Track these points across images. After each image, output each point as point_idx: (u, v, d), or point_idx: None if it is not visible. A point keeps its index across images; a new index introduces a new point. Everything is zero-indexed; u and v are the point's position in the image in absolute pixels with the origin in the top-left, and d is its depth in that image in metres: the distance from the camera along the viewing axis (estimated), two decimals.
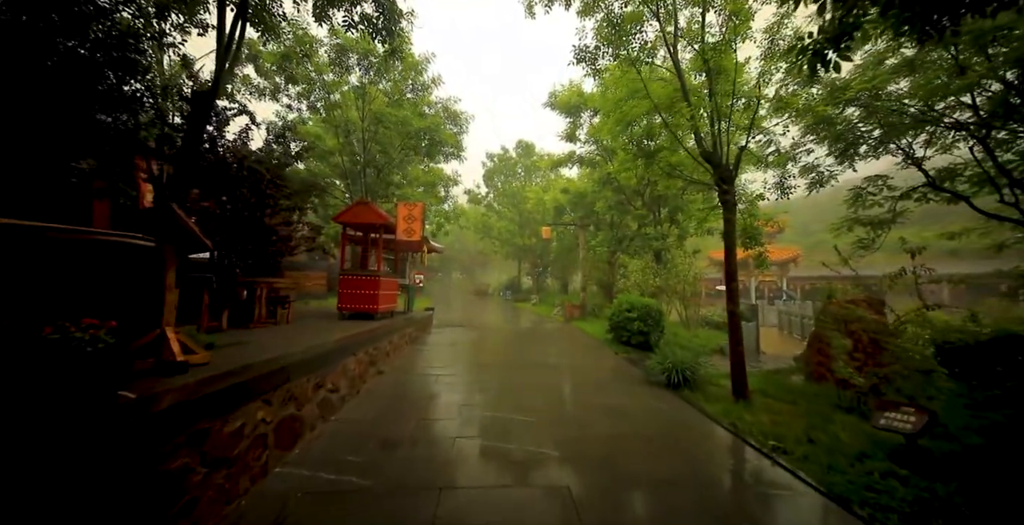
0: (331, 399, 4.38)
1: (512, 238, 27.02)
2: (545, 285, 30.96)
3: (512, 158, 27.34)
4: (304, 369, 3.86)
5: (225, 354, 4.01)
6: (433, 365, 7.05)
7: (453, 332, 11.34)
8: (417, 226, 9.00)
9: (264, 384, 3.20)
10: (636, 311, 9.02)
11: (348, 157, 11.24)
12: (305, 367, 3.89)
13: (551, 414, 4.66)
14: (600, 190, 13.72)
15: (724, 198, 5.45)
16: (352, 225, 9.06)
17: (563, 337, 11.07)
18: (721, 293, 19.52)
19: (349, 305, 8.68)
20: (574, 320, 14.68)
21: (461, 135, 12.64)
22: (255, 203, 7.69)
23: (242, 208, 7.60)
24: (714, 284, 26.07)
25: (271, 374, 3.32)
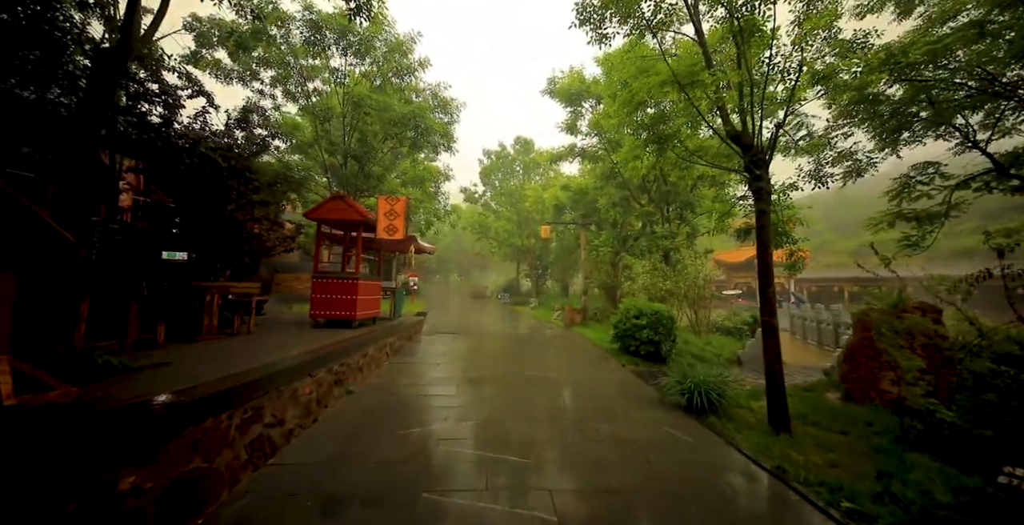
0: (270, 436, 3.48)
1: (510, 238, 26.14)
2: (544, 287, 30.06)
3: (510, 155, 26.48)
4: (225, 402, 2.96)
5: (126, 384, 3.12)
6: (414, 383, 6.15)
7: (444, 340, 10.43)
8: (400, 223, 8.11)
9: (147, 432, 2.30)
10: (645, 318, 8.13)
11: (327, 148, 10.34)
12: (227, 398, 2.98)
13: (551, 453, 3.76)
14: (603, 186, 12.85)
15: (756, 186, 4.56)
16: (327, 222, 8.18)
17: (564, 345, 10.17)
18: (728, 298, 18.42)
19: (323, 312, 7.80)
20: (575, 325, 13.78)
21: (452, 125, 11.75)
22: (214, 196, 6.80)
23: (199, 202, 6.72)
24: (718, 287, 25.21)
25: (167, 414, 2.42)
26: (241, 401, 3.16)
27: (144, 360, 3.94)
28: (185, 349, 4.75)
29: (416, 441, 3.90)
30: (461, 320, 16.07)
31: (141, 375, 3.46)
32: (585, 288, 14.79)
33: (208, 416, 2.76)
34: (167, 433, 2.43)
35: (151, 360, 3.99)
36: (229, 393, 3.00)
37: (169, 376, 3.46)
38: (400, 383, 6.09)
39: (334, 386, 5.05)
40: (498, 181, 26.57)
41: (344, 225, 8.23)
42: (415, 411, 4.83)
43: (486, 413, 4.80)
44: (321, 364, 4.71)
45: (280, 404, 3.74)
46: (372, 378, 6.31)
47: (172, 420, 2.48)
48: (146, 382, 3.22)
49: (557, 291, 29.22)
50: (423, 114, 10.09)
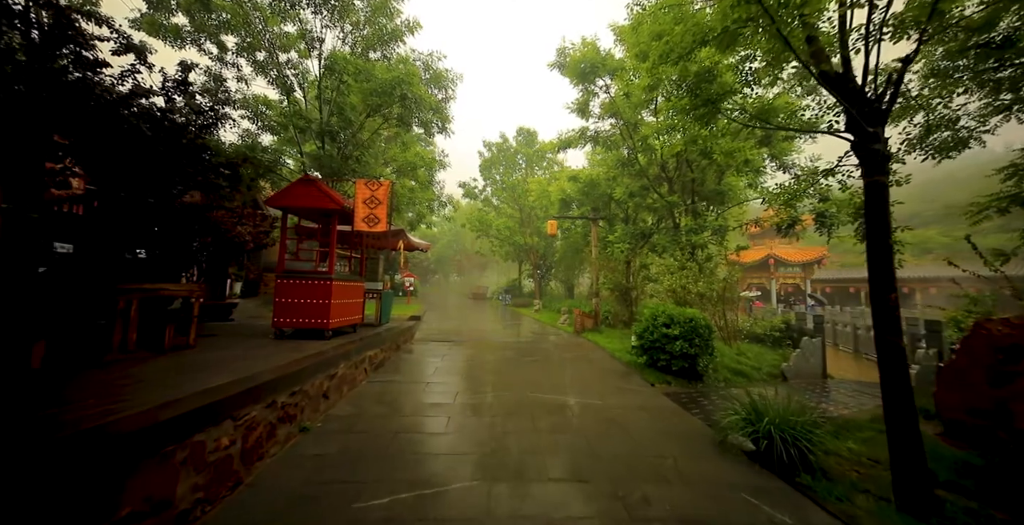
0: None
1: (512, 236, 24.82)
2: (548, 288, 28.77)
3: (512, 147, 25.17)
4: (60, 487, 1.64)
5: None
6: (393, 412, 4.84)
7: (437, 351, 9.12)
8: (382, 212, 6.80)
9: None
10: (677, 327, 6.81)
11: (300, 124, 9.02)
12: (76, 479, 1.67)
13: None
14: (618, 175, 11.55)
15: (871, 149, 3.24)
16: (294, 210, 6.87)
17: (577, 357, 8.84)
18: (744, 301, 16.76)
19: (289, 319, 6.50)
20: (586, 331, 12.45)
21: (448, 102, 10.41)
22: (150, 175, 5.50)
23: (126, 181, 5.41)
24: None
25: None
26: (103, 479, 1.85)
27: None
28: (61, 380, 3.44)
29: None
30: (459, 325, 14.76)
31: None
32: (596, 290, 13.47)
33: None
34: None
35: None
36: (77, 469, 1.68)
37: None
38: (374, 413, 4.78)
39: (278, 425, 3.74)
40: (499, 175, 25.25)
41: (315, 214, 6.92)
42: (386, 462, 3.51)
43: (485, 465, 3.48)
44: (256, 398, 3.40)
45: (166, 474, 2.42)
46: (340, 405, 4.99)
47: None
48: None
49: (561, 292, 27.90)
50: (410, 81, 8.68)
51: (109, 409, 2.52)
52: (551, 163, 25.38)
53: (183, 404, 2.70)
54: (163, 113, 5.48)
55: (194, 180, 6.09)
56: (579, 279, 27.05)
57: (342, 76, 8.28)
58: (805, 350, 8.42)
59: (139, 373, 3.68)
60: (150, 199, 6.04)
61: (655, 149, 10.78)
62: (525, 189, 22.96)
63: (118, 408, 2.55)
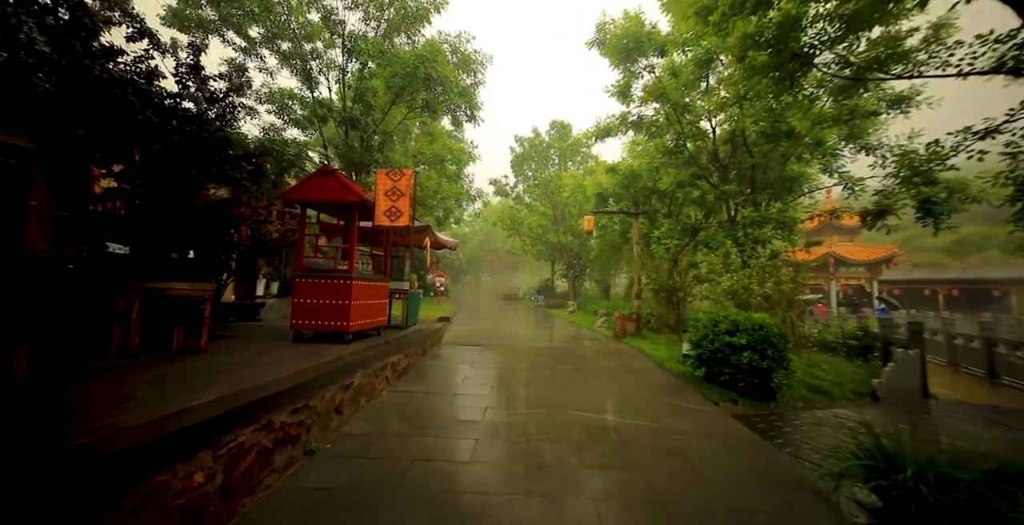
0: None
1: (544, 234, 23.98)
2: (582, 289, 27.70)
3: (544, 141, 24.33)
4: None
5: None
6: (412, 432, 4.22)
7: (466, 356, 8.52)
8: (404, 205, 6.25)
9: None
10: (744, 335, 5.80)
11: (321, 114, 8.68)
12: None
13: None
14: (663, 164, 10.49)
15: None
16: (311, 204, 6.45)
17: (620, 366, 7.95)
18: (803, 304, 14.91)
19: (307, 321, 6.07)
20: (627, 336, 11.47)
21: (477, 88, 9.79)
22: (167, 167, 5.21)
23: (153, 176, 5.15)
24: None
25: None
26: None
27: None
28: (28, 392, 3.05)
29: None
30: (489, 327, 14.16)
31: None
32: (637, 291, 12.43)
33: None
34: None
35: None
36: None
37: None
38: (392, 431, 4.17)
39: (276, 450, 3.19)
40: (531, 171, 24.49)
41: (335, 208, 6.47)
42: (399, 502, 2.86)
43: (518, 515, 2.75)
44: (246, 419, 2.86)
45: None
46: (355, 421, 4.43)
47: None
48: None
49: (597, 293, 26.77)
50: (434, 59, 8.09)
51: (46, 437, 2.00)
52: (586, 157, 24.33)
53: (137, 434, 2.16)
54: (175, 99, 5.17)
55: (220, 174, 5.79)
56: (616, 279, 25.82)
57: (363, 58, 7.84)
58: (900, 364, 7.07)
59: (121, 384, 3.24)
60: (179, 196, 5.80)
61: (706, 134, 9.66)
62: (558, 185, 22.08)
63: (63, 435, 2.03)
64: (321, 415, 3.91)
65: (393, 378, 6.16)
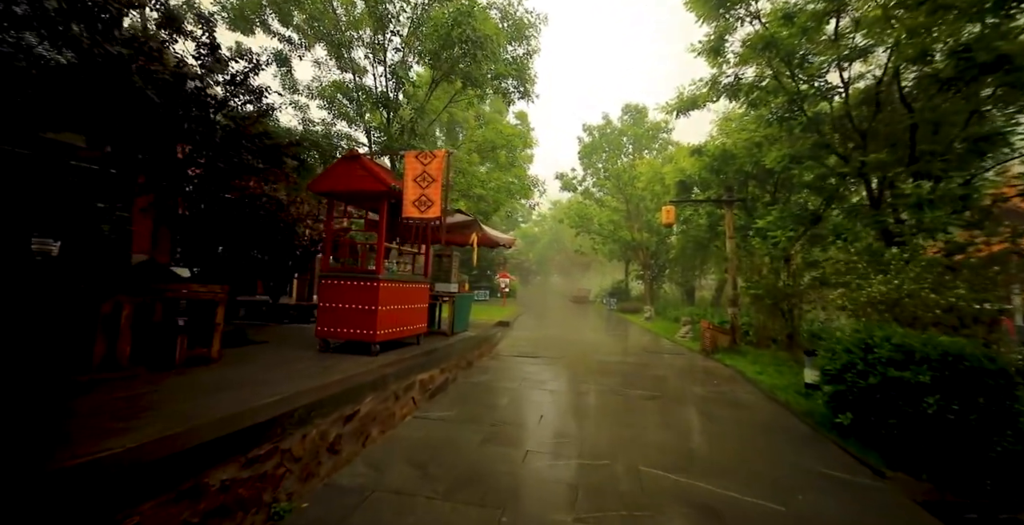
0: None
1: (616, 231, 21.93)
2: (661, 292, 25.01)
3: (616, 128, 22.27)
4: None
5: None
6: (419, 486, 3.18)
7: (519, 371, 7.40)
8: (435, 193, 5.30)
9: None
10: (927, 371, 3.81)
11: (349, 95, 8.12)
12: None
13: None
14: (769, 137, 8.31)
15: None
16: (338, 195, 5.80)
17: (713, 394, 6.18)
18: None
19: (332, 328, 5.41)
20: (720, 352, 9.40)
21: (530, 58, 8.54)
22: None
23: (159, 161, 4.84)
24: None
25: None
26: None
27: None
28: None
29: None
30: (554, 334, 12.87)
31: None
32: (732, 296, 10.23)
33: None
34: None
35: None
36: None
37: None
38: (396, 485, 3.15)
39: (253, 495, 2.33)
40: (601, 162, 22.59)
41: (363, 200, 5.75)
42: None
43: None
44: (165, 482, 2.00)
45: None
46: (355, 464, 3.51)
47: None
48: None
49: (678, 297, 23.94)
50: (471, 14, 6.92)
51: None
52: (664, 144, 21.81)
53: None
54: (198, 83, 4.77)
55: (244, 166, 5.39)
56: (701, 281, 22.79)
57: (390, 21, 7.08)
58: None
59: (69, 410, 2.63)
60: (204, 191, 5.54)
61: (832, 93, 7.35)
62: (632, 176, 19.96)
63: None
64: (302, 459, 3.02)
65: (423, 399, 5.23)
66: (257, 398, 3.12)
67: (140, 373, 3.72)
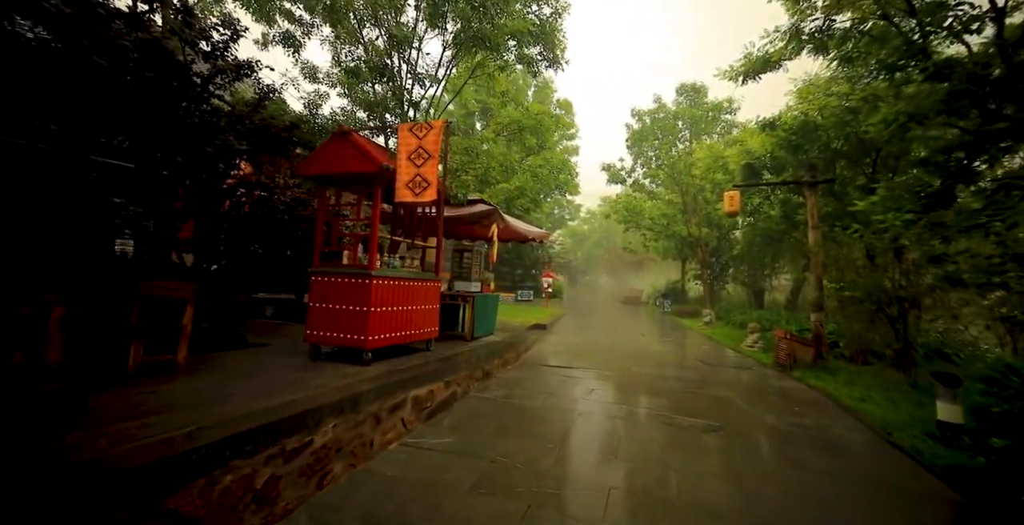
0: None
1: (671, 225, 19.93)
2: (723, 294, 22.52)
3: (670, 112, 20.24)
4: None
5: None
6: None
7: (544, 385, 6.40)
8: (431, 173, 4.45)
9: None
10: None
11: (347, 68, 7.34)
12: None
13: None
14: (865, 103, 6.49)
15: None
16: (328, 178, 5.12)
17: (797, 430, 4.73)
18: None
19: (322, 332, 4.73)
20: (801, 368, 7.67)
21: (559, 17, 7.32)
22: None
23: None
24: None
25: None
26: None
27: None
28: None
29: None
30: (597, 338, 11.60)
31: None
32: (817, 299, 8.39)
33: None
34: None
35: None
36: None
37: None
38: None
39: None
40: (653, 150, 20.65)
41: (355, 182, 5.02)
42: None
43: None
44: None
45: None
46: (290, 521, 2.69)
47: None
48: None
49: (744, 299, 21.36)
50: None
51: None
52: (728, 126, 19.46)
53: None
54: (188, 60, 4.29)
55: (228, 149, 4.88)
56: (772, 281, 20.10)
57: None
58: None
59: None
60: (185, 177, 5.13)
61: (974, 28, 5.48)
62: (688, 163, 17.95)
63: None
64: (198, 522, 2.24)
65: (418, 420, 4.38)
66: (165, 428, 2.41)
67: (74, 386, 3.20)
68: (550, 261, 33.31)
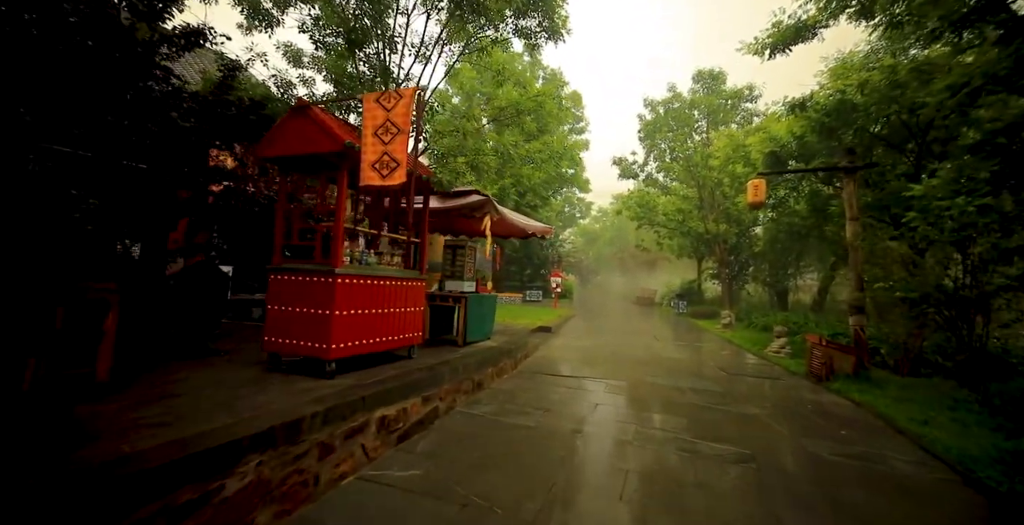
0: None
1: (687, 222, 18.91)
2: (743, 294, 21.41)
3: (685, 101, 19.20)
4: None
5: None
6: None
7: (547, 400, 5.68)
8: (401, 151, 3.76)
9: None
10: None
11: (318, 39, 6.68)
12: None
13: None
14: (929, 66, 5.56)
15: None
16: (289, 161, 4.48)
17: (855, 464, 3.90)
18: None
19: (281, 339, 4.10)
20: (840, 379, 6.75)
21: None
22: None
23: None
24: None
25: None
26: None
27: None
28: None
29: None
30: (608, 343, 10.79)
31: None
32: (856, 300, 7.46)
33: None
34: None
35: None
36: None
37: None
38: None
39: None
40: (666, 142, 19.63)
41: (318, 164, 4.34)
42: None
43: None
44: None
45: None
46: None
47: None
48: None
49: (766, 300, 20.22)
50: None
51: None
52: (748, 115, 18.36)
53: None
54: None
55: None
56: (798, 281, 18.92)
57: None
58: None
59: None
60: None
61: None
62: (706, 155, 16.94)
63: None
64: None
65: (386, 445, 3.69)
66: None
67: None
68: (560, 260, 32.45)
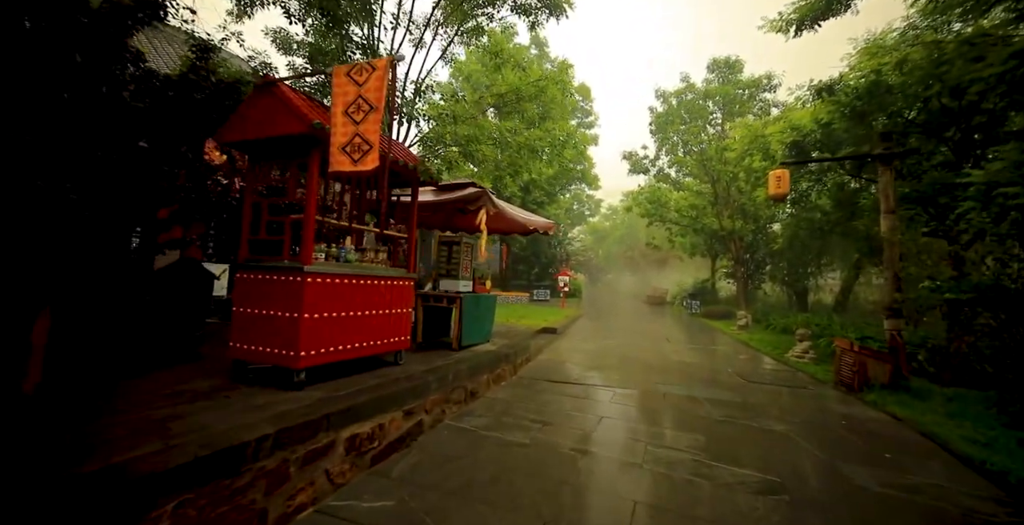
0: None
1: (700, 218, 18.17)
2: (759, 294, 20.58)
3: (700, 91, 18.43)
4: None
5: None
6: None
7: (546, 411, 5.20)
8: (373, 131, 3.25)
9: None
10: None
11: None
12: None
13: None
14: (981, 38, 4.92)
15: None
16: (254, 146, 4.03)
17: (908, 498, 3.29)
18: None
19: (248, 345, 3.65)
20: (876, 389, 6.10)
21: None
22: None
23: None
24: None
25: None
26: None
27: None
28: None
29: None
30: (616, 345, 10.22)
31: None
32: (894, 302, 6.78)
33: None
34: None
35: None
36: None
37: None
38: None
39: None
40: (679, 135, 18.88)
41: (286, 149, 3.88)
42: None
43: None
44: None
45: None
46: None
47: None
48: None
49: (784, 300, 19.38)
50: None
51: None
52: (766, 106, 17.52)
53: None
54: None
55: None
56: (820, 280, 18.06)
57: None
58: None
59: None
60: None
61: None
62: (721, 148, 16.19)
63: None
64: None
65: (358, 468, 3.22)
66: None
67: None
68: (568, 259, 31.84)
